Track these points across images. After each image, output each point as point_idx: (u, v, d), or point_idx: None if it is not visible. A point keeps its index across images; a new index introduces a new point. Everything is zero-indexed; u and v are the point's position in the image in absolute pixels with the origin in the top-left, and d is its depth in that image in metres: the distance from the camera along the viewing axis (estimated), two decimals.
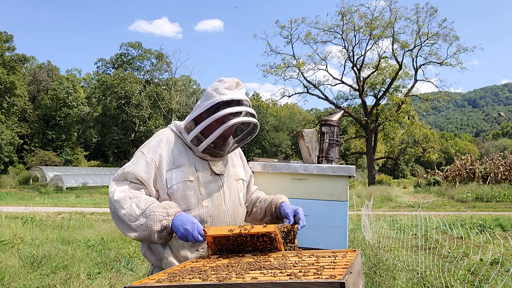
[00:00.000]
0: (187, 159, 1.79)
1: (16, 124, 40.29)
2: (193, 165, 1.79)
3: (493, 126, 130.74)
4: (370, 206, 10.75)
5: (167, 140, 1.81)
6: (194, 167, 1.78)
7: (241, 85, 1.82)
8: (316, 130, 2.93)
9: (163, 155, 1.75)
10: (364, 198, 17.50)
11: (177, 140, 1.83)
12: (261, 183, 2.71)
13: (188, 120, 1.80)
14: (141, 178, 1.69)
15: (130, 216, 1.59)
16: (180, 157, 1.78)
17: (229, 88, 1.75)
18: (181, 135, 1.83)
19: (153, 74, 48.90)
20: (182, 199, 1.74)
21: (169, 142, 1.81)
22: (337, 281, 1.00)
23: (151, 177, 1.72)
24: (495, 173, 24.35)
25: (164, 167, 1.74)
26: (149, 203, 1.62)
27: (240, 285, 1.09)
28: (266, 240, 1.60)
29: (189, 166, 1.77)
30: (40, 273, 5.08)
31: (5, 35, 39.50)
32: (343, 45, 35.42)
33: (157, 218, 1.58)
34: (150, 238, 1.58)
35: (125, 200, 1.62)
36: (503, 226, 9.20)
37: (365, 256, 5.54)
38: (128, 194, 1.64)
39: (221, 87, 1.75)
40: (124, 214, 1.60)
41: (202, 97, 1.80)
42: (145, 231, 1.57)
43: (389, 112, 34.61)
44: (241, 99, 1.75)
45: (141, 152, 1.76)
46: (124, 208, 1.61)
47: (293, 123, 58.15)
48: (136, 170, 1.69)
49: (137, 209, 1.60)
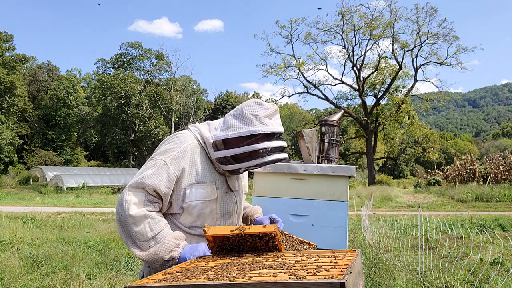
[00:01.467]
0: (210, 175, 1.73)
1: (16, 124, 40.30)
2: (214, 182, 1.73)
3: (493, 126, 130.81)
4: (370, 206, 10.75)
5: (192, 151, 1.71)
6: (215, 184, 1.73)
7: (278, 112, 1.73)
8: (316, 130, 2.93)
9: (185, 169, 1.66)
10: (364, 198, 17.50)
11: (202, 152, 1.73)
12: (261, 183, 2.71)
13: (218, 137, 1.68)
14: (161, 193, 1.62)
15: (141, 236, 1.57)
16: (203, 173, 1.71)
17: (269, 117, 1.65)
18: (206, 148, 1.73)
19: (153, 74, 48.91)
20: (199, 216, 1.71)
21: (194, 154, 1.71)
22: (337, 281, 1.00)
23: (169, 193, 1.65)
24: (495, 173, 24.36)
25: (185, 181, 1.67)
26: (163, 226, 1.62)
27: (240, 285, 1.09)
28: (266, 240, 1.60)
29: (210, 183, 1.72)
30: (40, 273, 5.08)
31: (5, 35, 39.51)
32: (343, 45, 35.48)
33: (168, 248, 1.58)
34: (154, 263, 1.59)
35: (141, 219, 1.58)
36: (503, 226, 9.20)
37: (365, 256, 5.54)
38: (145, 213, 1.59)
39: (262, 114, 1.64)
40: (136, 231, 1.57)
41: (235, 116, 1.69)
42: (153, 256, 1.57)
43: (389, 112, 34.63)
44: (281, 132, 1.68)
45: (163, 162, 1.64)
46: (138, 226, 1.57)
47: (293, 123, 58.11)
48: (157, 184, 1.60)
49: (150, 232, 1.58)
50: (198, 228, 1.72)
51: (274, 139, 1.66)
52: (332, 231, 2.57)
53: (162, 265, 1.59)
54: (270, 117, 1.65)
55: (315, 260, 1.39)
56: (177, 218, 1.71)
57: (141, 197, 1.60)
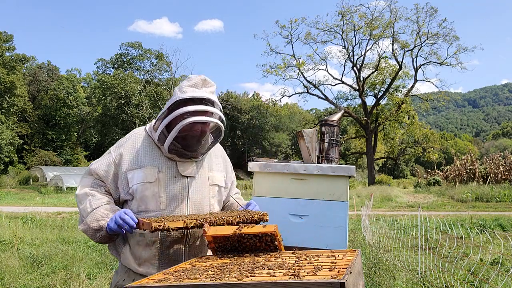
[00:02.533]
0: (152, 159, 1.76)
1: (16, 124, 40.29)
2: (157, 166, 1.75)
3: (493, 126, 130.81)
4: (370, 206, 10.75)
5: (135, 139, 1.81)
6: (158, 168, 1.74)
7: (208, 83, 1.75)
8: (316, 130, 2.93)
9: (124, 154, 1.76)
10: (364, 198, 17.49)
11: (146, 139, 1.80)
12: (261, 183, 2.71)
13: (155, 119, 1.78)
14: (101, 175, 1.76)
15: (84, 212, 1.70)
16: (144, 157, 1.76)
17: (193, 86, 1.71)
18: (151, 134, 1.79)
19: (153, 74, 48.88)
20: (141, 200, 1.73)
21: (137, 141, 1.80)
22: (337, 281, 1.00)
23: (110, 175, 1.76)
24: (495, 173, 24.36)
25: (124, 165, 1.75)
26: (102, 203, 1.70)
27: (240, 285, 1.09)
28: (266, 240, 1.60)
29: (151, 166, 1.74)
30: (40, 273, 5.08)
31: (5, 35, 39.50)
32: (343, 45, 35.49)
33: (97, 217, 1.66)
34: (88, 234, 1.69)
35: (83, 197, 1.73)
36: (503, 226, 9.21)
37: (365, 256, 5.54)
38: (87, 192, 1.74)
39: (185, 85, 1.71)
40: (80, 209, 1.72)
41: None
42: (85, 226, 1.69)
43: (389, 112, 34.63)
44: (204, 97, 1.69)
45: (109, 151, 1.82)
46: (82, 204, 1.72)
47: (293, 123, 58.12)
48: (97, 168, 1.77)
49: (89, 208, 1.69)
50: (144, 213, 1.73)
51: (194, 103, 1.67)
52: (332, 231, 2.57)
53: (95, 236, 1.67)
54: (193, 86, 1.70)
55: (315, 260, 1.39)
56: (129, 205, 1.78)
57: (88, 181, 1.78)
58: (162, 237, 1.71)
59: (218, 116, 1.74)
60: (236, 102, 57.73)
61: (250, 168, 2.72)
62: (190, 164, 1.80)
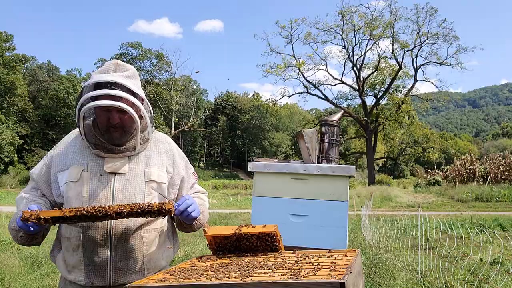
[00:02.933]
0: (80, 158, 1.63)
1: (16, 124, 40.30)
2: (83, 164, 1.62)
3: (493, 126, 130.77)
4: (370, 206, 10.76)
5: (67, 138, 1.72)
6: (84, 167, 1.61)
7: (122, 68, 1.61)
8: (316, 130, 2.93)
9: (54, 155, 1.68)
10: (364, 198, 17.49)
11: (77, 138, 1.69)
12: (261, 183, 2.71)
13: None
14: (35, 179, 1.69)
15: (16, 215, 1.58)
16: (72, 157, 1.65)
17: (102, 71, 1.58)
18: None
19: (153, 74, 48.90)
20: (67, 202, 1.61)
21: (68, 140, 1.71)
22: (337, 281, 1.00)
23: (43, 179, 1.67)
24: (495, 173, 24.36)
25: (55, 168, 1.65)
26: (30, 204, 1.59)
27: (240, 285, 1.09)
28: (266, 240, 1.60)
29: (77, 166, 1.62)
30: (40, 273, 5.08)
31: (5, 35, 39.51)
32: (343, 45, 35.50)
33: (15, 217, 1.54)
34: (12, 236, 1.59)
35: (18, 201, 1.68)
36: (503, 226, 9.20)
37: (365, 256, 5.54)
38: (22, 195, 1.67)
39: (95, 72, 1.59)
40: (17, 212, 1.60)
41: None
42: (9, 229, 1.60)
43: (389, 112, 34.62)
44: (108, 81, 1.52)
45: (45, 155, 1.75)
46: (18, 207, 1.65)
47: (293, 123, 58.14)
48: (33, 172, 1.71)
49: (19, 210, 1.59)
50: None
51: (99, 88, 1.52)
52: (332, 231, 2.57)
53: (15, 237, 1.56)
54: (102, 71, 1.59)
55: (315, 260, 1.39)
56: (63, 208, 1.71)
57: (28, 186, 1.72)
58: (84, 241, 1.57)
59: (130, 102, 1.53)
60: (236, 102, 57.75)
61: (250, 168, 2.72)
62: (120, 160, 1.63)
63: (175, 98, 42.44)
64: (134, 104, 1.54)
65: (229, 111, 57.98)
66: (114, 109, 1.53)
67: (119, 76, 1.56)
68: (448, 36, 32.63)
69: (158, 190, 1.68)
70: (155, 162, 1.70)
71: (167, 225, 1.76)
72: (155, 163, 1.70)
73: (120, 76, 1.56)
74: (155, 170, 1.68)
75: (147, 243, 1.65)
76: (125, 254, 1.60)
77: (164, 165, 1.73)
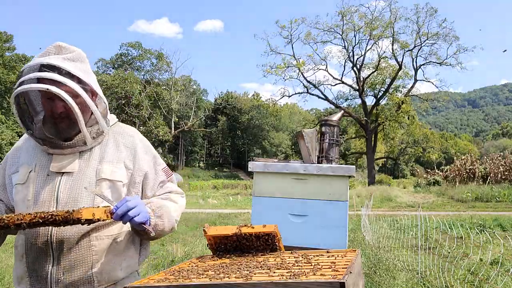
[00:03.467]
0: (30, 158, 1.47)
1: (16, 124, 40.31)
2: (32, 164, 1.45)
3: (493, 126, 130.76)
4: (370, 206, 10.76)
5: (24, 137, 1.56)
6: (32, 167, 1.45)
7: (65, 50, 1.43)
8: (316, 130, 2.93)
9: (9, 156, 1.54)
10: (364, 198, 17.50)
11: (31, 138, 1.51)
12: (261, 183, 2.71)
13: None
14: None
15: None
16: (24, 156, 1.49)
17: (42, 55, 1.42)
18: None
19: (153, 74, 48.91)
20: (16, 205, 1.45)
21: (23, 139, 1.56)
22: (337, 281, 1.00)
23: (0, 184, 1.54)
24: (495, 173, 24.35)
25: (9, 170, 1.51)
26: None
27: (240, 285, 1.09)
28: (266, 240, 1.60)
29: (27, 166, 1.45)
30: None
31: (5, 35, 39.54)
32: (343, 45, 35.51)
33: None
34: None
35: None
36: (503, 226, 9.21)
37: (365, 256, 5.54)
38: None
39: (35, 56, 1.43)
40: None
41: None
42: None
43: (389, 112, 34.63)
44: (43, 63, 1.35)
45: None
46: None
47: (293, 123, 58.14)
48: None
49: None
50: None
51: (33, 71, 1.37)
52: (332, 231, 2.57)
53: None
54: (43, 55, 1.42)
55: (315, 260, 1.39)
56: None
57: None
58: (26, 249, 1.42)
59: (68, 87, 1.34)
60: (236, 102, 57.75)
61: (250, 168, 2.72)
62: (69, 157, 1.44)
63: (175, 98, 42.44)
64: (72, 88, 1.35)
65: (229, 111, 57.97)
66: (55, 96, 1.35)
67: (57, 58, 1.38)
68: (448, 36, 32.68)
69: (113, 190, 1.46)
70: (110, 158, 1.49)
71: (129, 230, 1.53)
72: (110, 159, 1.49)
73: (59, 58, 1.39)
74: (108, 167, 1.47)
75: (96, 252, 1.43)
76: (69, 265, 1.40)
77: (121, 160, 1.51)
